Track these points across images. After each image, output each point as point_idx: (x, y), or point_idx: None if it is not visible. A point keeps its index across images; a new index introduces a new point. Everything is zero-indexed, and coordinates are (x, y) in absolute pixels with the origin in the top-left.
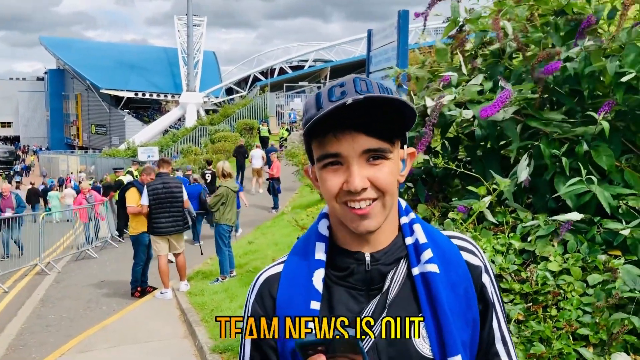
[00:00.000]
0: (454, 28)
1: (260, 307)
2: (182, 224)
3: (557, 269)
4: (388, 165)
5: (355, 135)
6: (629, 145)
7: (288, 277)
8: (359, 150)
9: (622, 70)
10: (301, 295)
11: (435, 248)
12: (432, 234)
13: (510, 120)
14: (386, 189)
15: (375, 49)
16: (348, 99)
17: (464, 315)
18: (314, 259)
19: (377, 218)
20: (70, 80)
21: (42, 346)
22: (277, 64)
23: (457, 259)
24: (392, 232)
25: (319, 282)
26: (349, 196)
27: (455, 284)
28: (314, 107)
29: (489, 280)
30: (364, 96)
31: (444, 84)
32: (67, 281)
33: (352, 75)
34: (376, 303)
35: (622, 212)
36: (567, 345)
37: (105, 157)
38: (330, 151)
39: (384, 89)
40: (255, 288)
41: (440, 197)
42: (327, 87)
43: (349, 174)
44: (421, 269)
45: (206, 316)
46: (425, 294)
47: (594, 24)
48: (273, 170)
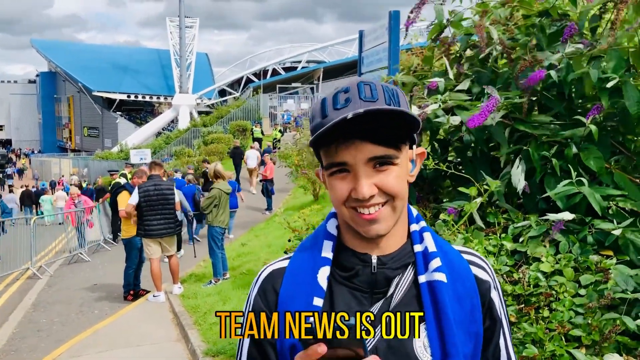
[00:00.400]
0: (439, 31)
1: (262, 301)
2: (173, 227)
3: (549, 269)
4: (395, 170)
5: (360, 144)
6: (618, 146)
7: (293, 272)
8: (365, 158)
9: (605, 75)
10: (305, 291)
11: (444, 258)
12: (442, 245)
13: (498, 124)
14: (395, 193)
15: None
16: (348, 114)
17: (467, 328)
18: (320, 257)
19: (387, 221)
20: (62, 82)
21: (33, 351)
22: (270, 65)
23: (465, 272)
24: (401, 238)
25: (323, 280)
26: (358, 202)
27: (462, 296)
28: (319, 115)
29: (498, 297)
30: (364, 110)
31: (429, 91)
32: (59, 285)
33: (356, 79)
34: (379, 307)
35: (612, 212)
36: (560, 347)
37: (98, 160)
38: (336, 160)
39: (390, 93)
40: (259, 282)
41: (432, 198)
42: (332, 92)
43: (356, 181)
44: (428, 277)
45: (199, 319)
46: (431, 302)
47: (576, 32)
48: (266, 172)
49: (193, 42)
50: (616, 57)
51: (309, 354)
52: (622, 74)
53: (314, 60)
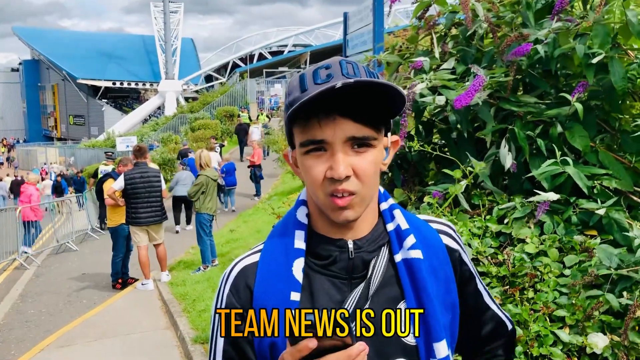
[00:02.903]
0: (423, 8)
1: (235, 298)
2: (160, 214)
3: (534, 250)
4: (372, 154)
5: (341, 121)
6: (603, 125)
7: (266, 267)
8: (344, 136)
9: (591, 51)
10: (280, 286)
11: (417, 234)
12: (413, 220)
13: (484, 104)
14: (367, 180)
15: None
16: (337, 82)
17: (444, 300)
18: (293, 248)
19: (357, 209)
20: (46, 70)
21: (21, 342)
22: (256, 49)
23: (438, 243)
24: (373, 218)
25: (298, 272)
26: (333, 186)
27: (437, 268)
28: (297, 90)
29: (468, 259)
30: (354, 80)
31: (415, 70)
32: (46, 275)
33: (337, 58)
34: (360, 292)
35: (596, 192)
36: (544, 328)
37: (84, 148)
38: (314, 137)
39: (370, 73)
40: (230, 278)
41: (417, 181)
42: (311, 68)
43: (333, 160)
44: (404, 254)
45: (188, 306)
46: (409, 281)
47: (567, 4)
48: (254, 158)
49: (178, 27)
50: (602, 33)
51: (300, 349)
52: (608, 49)
53: (300, 44)
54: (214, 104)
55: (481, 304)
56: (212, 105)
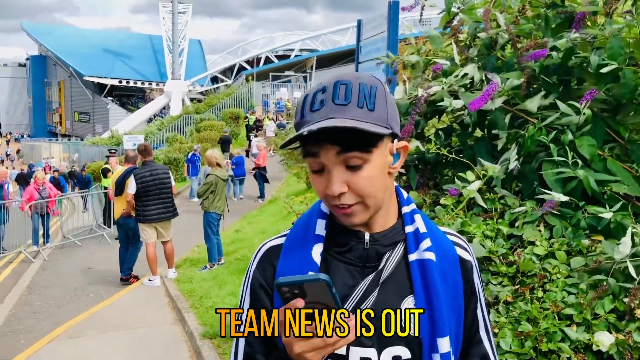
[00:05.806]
0: (449, 18)
1: (261, 274)
2: (172, 210)
3: (543, 252)
4: (367, 169)
5: (329, 147)
6: (613, 135)
7: (288, 248)
8: (335, 160)
9: (604, 62)
10: (299, 266)
11: (433, 239)
12: (431, 227)
13: (499, 110)
14: (364, 194)
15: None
16: (304, 131)
17: (451, 303)
18: (314, 234)
19: (361, 215)
20: (53, 66)
21: (30, 332)
22: (262, 53)
23: (451, 252)
24: (392, 218)
25: (317, 255)
26: (333, 200)
27: (447, 274)
28: (299, 114)
29: (477, 276)
30: (317, 128)
31: (434, 74)
32: (53, 269)
33: (335, 78)
34: (370, 279)
35: (607, 197)
36: (553, 325)
37: (89, 145)
38: (312, 161)
39: (365, 93)
40: (258, 257)
41: (432, 184)
42: (312, 90)
43: (328, 179)
44: (419, 255)
45: (195, 303)
46: (421, 278)
47: (585, 18)
48: (259, 160)
49: (186, 28)
50: (616, 45)
51: (289, 307)
52: (621, 60)
53: (307, 49)
54: (219, 105)
55: (475, 334)
56: (218, 107)
